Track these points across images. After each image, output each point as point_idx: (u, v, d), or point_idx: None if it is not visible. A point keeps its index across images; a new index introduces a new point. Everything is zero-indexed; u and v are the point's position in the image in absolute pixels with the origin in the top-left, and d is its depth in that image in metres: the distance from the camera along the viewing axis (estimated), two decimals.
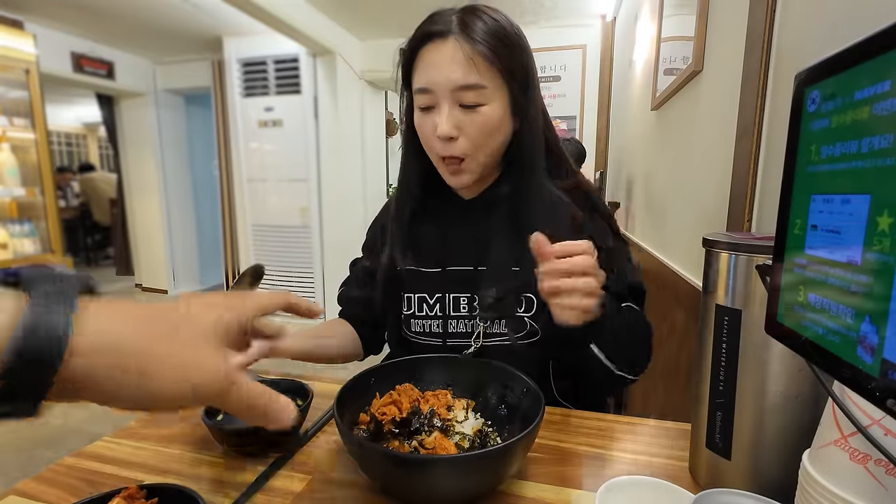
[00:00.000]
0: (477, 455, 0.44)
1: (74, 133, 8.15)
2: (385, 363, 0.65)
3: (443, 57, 0.64)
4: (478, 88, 0.64)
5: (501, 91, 0.66)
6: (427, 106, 0.68)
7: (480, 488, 0.46)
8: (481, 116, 0.66)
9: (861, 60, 0.24)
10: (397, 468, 0.44)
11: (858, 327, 0.24)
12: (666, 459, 0.53)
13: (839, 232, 0.25)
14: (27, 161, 3.00)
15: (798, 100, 0.29)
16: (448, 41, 0.64)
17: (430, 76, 0.66)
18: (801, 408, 0.40)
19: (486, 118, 0.66)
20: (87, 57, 3.77)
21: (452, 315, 0.75)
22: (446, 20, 0.65)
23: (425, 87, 0.66)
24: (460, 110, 0.66)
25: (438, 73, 0.65)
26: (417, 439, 0.51)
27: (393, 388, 0.58)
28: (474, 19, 0.65)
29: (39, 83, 2.98)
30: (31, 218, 3.06)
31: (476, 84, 0.64)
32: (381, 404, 0.55)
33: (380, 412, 0.53)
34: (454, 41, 0.64)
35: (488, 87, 0.65)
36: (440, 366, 0.64)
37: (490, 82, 0.65)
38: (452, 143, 0.67)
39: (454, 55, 0.64)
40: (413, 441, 0.51)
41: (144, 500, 0.41)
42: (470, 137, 0.67)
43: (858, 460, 0.30)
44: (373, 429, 0.53)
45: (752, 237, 0.44)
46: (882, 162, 0.22)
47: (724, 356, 0.43)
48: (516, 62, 0.67)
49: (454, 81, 0.64)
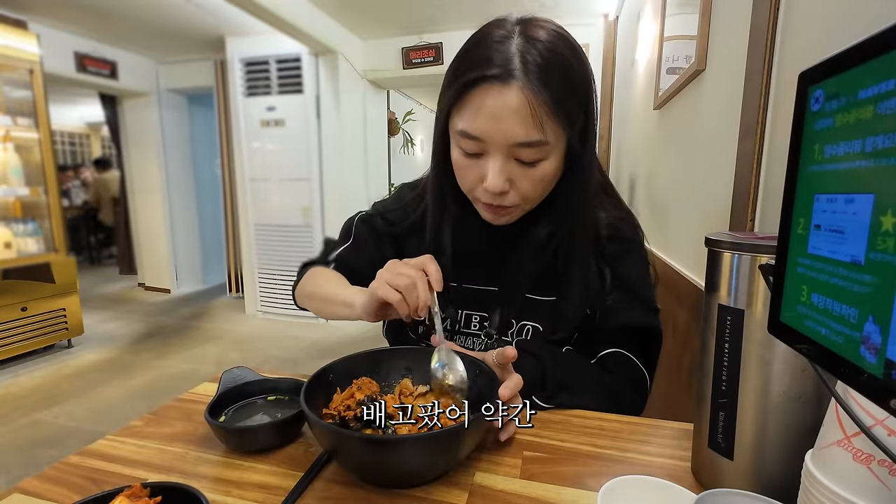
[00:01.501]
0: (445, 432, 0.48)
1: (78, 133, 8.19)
2: (340, 358, 0.62)
3: (503, 109, 0.54)
4: (540, 146, 0.56)
5: (561, 142, 0.59)
6: (474, 152, 0.59)
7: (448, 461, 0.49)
8: (539, 172, 0.59)
9: (865, 59, 0.24)
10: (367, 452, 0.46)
11: (862, 327, 0.23)
12: (668, 459, 0.53)
13: (843, 231, 0.25)
14: (31, 160, 3.02)
15: (801, 99, 0.29)
16: (510, 90, 0.54)
17: (485, 126, 0.56)
18: (804, 408, 0.40)
19: (543, 173, 0.59)
20: (90, 57, 3.78)
21: (461, 331, 0.74)
22: (506, 56, 0.54)
23: (477, 136, 0.57)
24: (515, 164, 0.58)
25: (495, 127, 0.55)
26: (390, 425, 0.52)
27: (350, 382, 0.58)
28: (535, 54, 0.54)
29: (43, 83, 2.99)
30: (34, 217, 3.07)
31: (539, 141, 0.56)
32: (342, 399, 0.55)
33: (343, 405, 0.54)
34: (518, 91, 0.54)
35: (550, 143, 0.57)
36: (396, 357, 0.64)
37: (552, 136, 0.56)
38: (501, 196, 0.60)
39: (518, 109, 0.54)
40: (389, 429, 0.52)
41: (148, 499, 0.42)
42: (522, 192, 0.60)
43: (862, 461, 0.30)
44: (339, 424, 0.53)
45: (754, 237, 0.44)
46: (886, 161, 0.22)
47: (727, 356, 0.43)
48: (581, 105, 0.59)
49: (514, 138, 0.55)
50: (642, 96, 2.04)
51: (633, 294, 0.70)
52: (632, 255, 0.72)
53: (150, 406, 0.79)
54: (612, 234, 0.71)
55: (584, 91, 0.59)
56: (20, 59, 2.88)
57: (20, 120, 2.93)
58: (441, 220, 0.72)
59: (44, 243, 3.08)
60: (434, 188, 0.71)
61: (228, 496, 0.47)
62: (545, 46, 0.55)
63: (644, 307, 0.70)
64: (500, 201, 0.61)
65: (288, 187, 3.78)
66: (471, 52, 0.58)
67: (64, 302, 3.16)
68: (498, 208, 0.63)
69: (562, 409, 0.64)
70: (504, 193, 0.60)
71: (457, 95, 0.58)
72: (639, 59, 2.17)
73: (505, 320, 0.72)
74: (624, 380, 0.68)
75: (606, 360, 0.69)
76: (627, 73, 2.57)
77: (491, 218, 0.66)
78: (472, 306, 0.74)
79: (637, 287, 0.71)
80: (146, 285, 4.89)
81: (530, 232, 0.69)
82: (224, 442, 0.55)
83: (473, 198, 0.66)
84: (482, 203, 0.64)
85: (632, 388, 0.68)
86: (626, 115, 2.57)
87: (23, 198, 3.03)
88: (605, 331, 0.70)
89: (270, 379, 0.65)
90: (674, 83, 1.37)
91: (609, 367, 0.69)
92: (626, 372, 0.68)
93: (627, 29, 2.66)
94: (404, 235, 0.78)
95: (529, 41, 0.56)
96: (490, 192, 0.59)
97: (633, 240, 0.73)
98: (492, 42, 0.57)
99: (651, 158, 1.83)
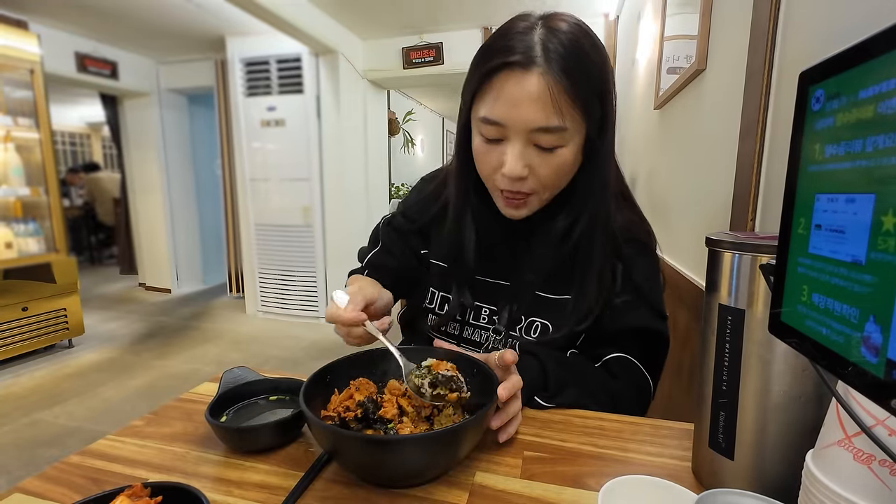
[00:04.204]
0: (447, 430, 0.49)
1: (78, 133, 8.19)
2: (338, 359, 0.62)
3: (523, 93, 0.56)
4: (559, 132, 0.57)
5: (580, 130, 0.60)
6: (494, 138, 0.61)
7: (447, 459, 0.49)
8: (557, 158, 0.60)
9: (866, 59, 0.24)
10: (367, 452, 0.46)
11: (862, 327, 0.23)
12: (668, 459, 0.53)
13: (843, 231, 0.25)
14: (31, 161, 3.02)
15: (802, 98, 0.29)
16: (531, 75, 0.55)
17: (505, 112, 0.57)
18: (805, 408, 0.40)
19: (562, 160, 0.60)
20: (90, 57, 3.79)
21: (471, 322, 0.75)
22: (528, 45, 0.56)
23: (497, 121, 0.58)
24: (534, 150, 0.59)
25: (515, 112, 0.57)
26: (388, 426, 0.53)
27: (348, 383, 0.58)
28: (557, 43, 0.56)
29: (44, 83, 2.99)
30: (35, 217, 3.07)
31: (559, 127, 0.57)
32: (340, 400, 0.55)
33: (342, 406, 0.54)
34: (539, 77, 0.55)
35: (569, 129, 0.58)
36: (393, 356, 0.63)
37: (571, 123, 0.58)
38: (520, 182, 0.61)
39: (539, 94, 0.55)
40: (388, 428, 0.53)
41: (149, 499, 0.42)
42: (540, 178, 0.61)
43: (862, 461, 0.30)
44: (338, 425, 0.53)
45: (755, 236, 0.44)
46: (887, 161, 0.22)
47: (728, 356, 0.43)
48: (600, 95, 0.60)
49: (533, 122, 0.56)
50: (643, 96, 2.04)
51: (642, 298, 0.70)
52: (645, 259, 0.72)
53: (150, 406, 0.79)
54: (629, 237, 0.71)
55: (602, 82, 0.60)
56: (21, 59, 2.88)
57: (21, 120, 2.93)
58: (462, 214, 0.72)
59: (44, 243, 3.08)
60: (456, 180, 0.72)
61: (229, 496, 0.47)
62: (567, 37, 0.57)
63: (652, 312, 0.70)
64: (518, 187, 0.62)
65: (288, 187, 3.77)
66: (494, 43, 0.60)
67: (64, 302, 3.16)
68: (516, 197, 0.63)
69: (562, 409, 0.64)
70: (522, 179, 0.61)
71: (479, 83, 0.60)
72: (639, 59, 2.17)
73: (514, 316, 0.72)
74: (627, 384, 0.67)
75: (611, 364, 0.69)
76: (628, 72, 2.57)
77: (509, 211, 0.66)
78: (482, 299, 0.74)
79: (647, 292, 0.70)
80: (147, 285, 4.89)
81: (547, 226, 0.69)
82: (224, 442, 0.55)
83: (492, 187, 0.66)
84: (500, 193, 0.65)
85: (634, 393, 0.68)
86: (627, 115, 2.57)
87: (23, 198, 3.03)
88: (611, 333, 0.69)
89: (271, 379, 0.66)
90: (674, 83, 1.37)
91: (613, 371, 0.68)
92: (630, 377, 0.68)
93: (628, 28, 2.66)
94: (427, 226, 0.81)
95: (551, 31, 0.57)
96: (508, 177, 0.60)
97: (647, 244, 0.73)
98: (515, 33, 0.58)
99: (651, 158, 1.83)
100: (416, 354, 0.63)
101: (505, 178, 0.61)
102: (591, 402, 0.64)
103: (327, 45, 3.33)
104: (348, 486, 0.49)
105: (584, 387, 0.65)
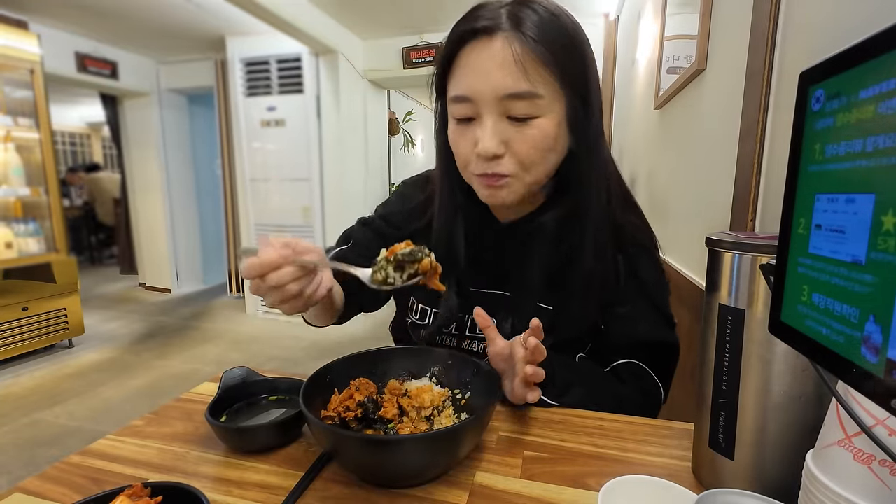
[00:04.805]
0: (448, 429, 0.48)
1: (78, 133, 8.19)
2: (338, 359, 0.61)
3: (488, 59, 0.53)
4: (531, 98, 0.53)
5: (559, 102, 0.56)
6: (465, 117, 0.57)
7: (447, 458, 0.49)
8: (534, 130, 0.55)
9: (866, 59, 0.24)
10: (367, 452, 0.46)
11: (863, 327, 0.23)
12: (668, 459, 0.53)
13: (843, 231, 0.25)
14: (31, 161, 3.02)
15: (802, 98, 0.29)
16: (495, 40, 0.53)
17: (472, 83, 0.54)
18: (805, 408, 0.40)
19: (539, 132, 0.55)
20: (90, 57, 3.79)
21: (468, 335, 0.73)
22: (493, 14, 0.54)
23: (464, 96, 0.55)
24: (508, 123, 0.55)
25: (482, 79, 0.54)
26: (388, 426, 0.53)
27: (348, 383, 0.58)
28: (527, 12, 0.53)
29: (44, 83, 2.99)
30: (35, 217, 3.08)
31: (529, 92, 0.53)
32: (340, 400, 0.55)
33: (342, 406, 0.54)
34: (503, 40, 0.53)
35: (544, 97, 0.54)
36: (393, 357, 0.64)
37: (546, 90, 0.54)
38: (496, 161, 0.57)
39: (503, 57, 0.52)
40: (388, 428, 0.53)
41: (149, 499, 0.42)
42: (518, 155, 0.56)
43: (863, 461, 0.30)
44: (338, 425, 0.53)
45: (755, 236, 0.44)
46: (887, 161, 0.22)
47: (728, 356, 0.43)
48: (577, 66, 0.56)
49: (502, 89, 0.53)
50: (643, 96, 2.04)
51: (651, 305, 0.68)
52: (649, 261, 0.71)
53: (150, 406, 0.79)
54: (632, 239, 0.70)
55: (578, 51, 0.57)
56: (21, 59, 2.88)
57: (21, 120, 2.93)
58: (450, 215, 0.69)
59: (45, 243, 3.08)
60: (440, 181, 0.69)
61: (229, 496, 0.47)
62: (538, 6, 0.55)
63: (662, 321, 0.69)
64: (494, 168, 0.57)
65: (288, 187, 3.78)
66: (459, 22, 0.58)
67: (65, 302, 3.16)
68: (493, 179, 0.58)
69: (567, 407, 0.63)
70: (498, 158, 0.57)
71: (446, 62, 0.58)
72: (639, 59, 2.17)
73: (517, 329, 0.69)
74: (634, 389, 0.67)
75: (620, 370, 0.68)
76: (628, 72, 2.57)
77: (488, 195, 0.61)
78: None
79: (654, 297, 0.69)
80: (147, 285, 4.89)
81: (540, 227, 0.66)
82: (225, 442, 0.55)
83: (470, 176, 0.62)
84: (478, 179, 0.60)
85: (640, 397, 0.67)
86: (627, 115, 2.57)
87: (24, 198, 3.04)
88: (622, 345, 0.68)
89: (271, 379, 0.65)
90: (674, 83, 1.37)
91: (623, 377, 0.67)
92: (637, 382, 0.67)
93: (628, 28, 2.65)
94: (412, 236, 0.77)
95: (521, 3, 0.56)
96: (483, 155, 0.56)
97: (650, 248, 0.72)
98: (479, 8, 0.57)
99: (651, 158, 1.83)
100: (416, 354, 0.63)
101: (480, 159, 0.57)
102: (597, 404, 0.63)
103: (327, 45, 3.34)
104: (348, 486, 0.49)
105: (590, 388, 0.64)
